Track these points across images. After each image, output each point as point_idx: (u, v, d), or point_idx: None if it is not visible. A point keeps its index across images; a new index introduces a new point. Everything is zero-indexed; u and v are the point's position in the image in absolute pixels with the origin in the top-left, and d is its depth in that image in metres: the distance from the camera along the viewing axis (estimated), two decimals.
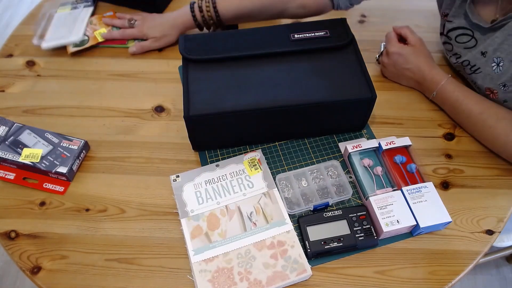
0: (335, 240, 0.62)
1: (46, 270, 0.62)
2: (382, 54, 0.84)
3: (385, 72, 0.85)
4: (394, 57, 0.80)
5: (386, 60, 0.82)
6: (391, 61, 0.81)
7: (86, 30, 0.93)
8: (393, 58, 0.80)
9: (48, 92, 0.84)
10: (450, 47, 0.80)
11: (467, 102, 0.72)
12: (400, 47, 0.79)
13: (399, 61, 0.79)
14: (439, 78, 0.76)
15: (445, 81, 0.75)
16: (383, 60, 0.83)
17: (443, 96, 0.76)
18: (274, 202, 0.66)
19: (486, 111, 0.71)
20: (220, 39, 0.73)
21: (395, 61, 0.80)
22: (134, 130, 0.78)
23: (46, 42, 0.90)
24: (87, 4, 0.98)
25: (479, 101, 0.72)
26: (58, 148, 0.72)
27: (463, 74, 0.81)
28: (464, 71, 0.78)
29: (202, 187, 0.68)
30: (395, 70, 0.81)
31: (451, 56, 0.81)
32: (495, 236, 0.65)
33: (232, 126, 0.69)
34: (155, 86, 0.85)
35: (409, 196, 0.64)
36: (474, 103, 0.72)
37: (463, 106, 0.73)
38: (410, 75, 0.80)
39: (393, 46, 0.80)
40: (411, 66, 0.78)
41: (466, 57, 0.75)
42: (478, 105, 0.71)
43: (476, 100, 0.72)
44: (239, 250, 0.62)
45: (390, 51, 0.80)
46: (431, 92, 0.77)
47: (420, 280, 0.61)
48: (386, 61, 0.82)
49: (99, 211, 0.68)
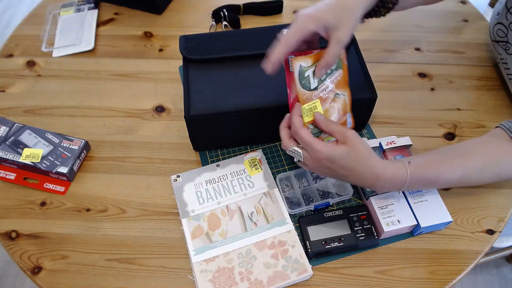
0: (336, 240, 0.62)
1: (46, 270, 0.62)
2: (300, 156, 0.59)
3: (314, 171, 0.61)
4: (323, 163, 0.57)
5: (310, 163, 0.58)
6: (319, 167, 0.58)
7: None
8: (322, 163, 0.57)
9: (48, 92, 0.84)
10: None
11: (442, 176, 0.60)
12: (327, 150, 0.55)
13: (333, 167, 0.57)
14: (400, 175, 0.58)
15: (408, 175, 0.58)
16: (305, 164, 0.59)
17: (414, 184, 0.60)
18: (275, 202, 0.66)
19: (464, 173, 0.60)
20: (220, 39, 0.73)
21: (328, 166, 0.57)
22: (135, 130, 0.78)
23: (57, 51, 0.91)
24: (91, 6, 0.98)
25: (452, 167, 0.60)
26: (59, 148, 0.72)
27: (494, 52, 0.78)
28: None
29: (203, 187, 0.68)
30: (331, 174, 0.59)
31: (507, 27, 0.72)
32: (496, 236, 0.65)
33: (233, 126, 0.69)
34: (155, 86, 0.85)
35: (410, 196, 0.64)
36: (449, 172, 0.60)
37: (440, 180, 0.60)
38: (354, 180, 0.59)
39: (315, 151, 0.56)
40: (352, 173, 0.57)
41: None
42: (453, 172, 0.60)
43: (448, 167, 0.60)
44: (239, 250, 0.62)
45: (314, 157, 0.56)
46: (396, 189, 0.60)
47: (421, 279, 0.61)
48: (311, 165, 0.58)
49: (100, 211, 0.68)
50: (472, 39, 0.92)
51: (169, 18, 0.98)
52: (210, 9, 0.97)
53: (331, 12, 0.56)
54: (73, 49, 0.91)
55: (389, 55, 0.89)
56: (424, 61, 0.88)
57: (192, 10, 1.00)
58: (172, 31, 0.95)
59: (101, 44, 0.92)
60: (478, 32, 0.93)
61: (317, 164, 0.57)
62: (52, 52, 0.91)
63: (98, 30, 0.95)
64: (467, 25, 0.95)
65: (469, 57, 0.89)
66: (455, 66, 0.87)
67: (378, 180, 0.57)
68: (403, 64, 0.88)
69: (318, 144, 0.55)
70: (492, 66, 0.87)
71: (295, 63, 0.57)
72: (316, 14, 0.55)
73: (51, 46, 0.92)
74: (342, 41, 0.56)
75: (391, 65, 0.87)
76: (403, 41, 0.91)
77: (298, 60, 0.58)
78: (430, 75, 0.86)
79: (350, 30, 0.56)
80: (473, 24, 0.95)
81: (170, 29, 0.95)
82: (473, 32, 0.94)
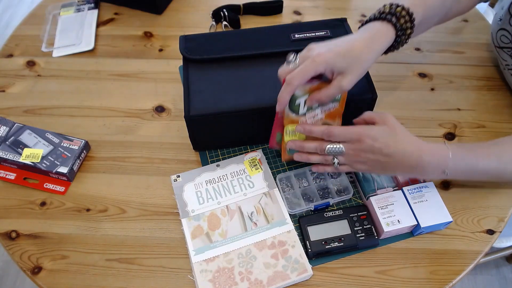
0: (336, 240, 0.62)
1: (46, 270, 0.62)
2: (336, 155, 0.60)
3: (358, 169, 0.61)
4: (366, 144, 0.57)
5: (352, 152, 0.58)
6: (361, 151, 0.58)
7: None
8: (364, 146, 0.57)
9: (48, 92, 0.84)
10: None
11: (481, 161, 0.60)
12: (369, 128, 0.58)
13: (376, 147, 0.56)
14: (443, 150, 0.58)
15: (450, 150, 0.59)
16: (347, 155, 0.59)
17: (457, 167, 0.60)
18: (275, 202, 0.66)
19: (500, 161, 0.61)
20: (220, 39, 0.73)
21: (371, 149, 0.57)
22: (135, 130, 0.78)
23: (57, 51, 0.90)
24: (91, 6, 0.98)
25: (488, 152, 0.61)
26: (59, 148, 0.72)
27: (498, 58, 0.78)
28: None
29: (203, 187, 0.68)
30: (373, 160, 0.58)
31: (511, 33, 0.72)
32: (496, 236, 0.65)
33: (233, 126, 0.69)
34: (155, 86, 0.85)
35: (410, 196, 0.64)
36: (485, 158, 0.60)
37: (480, 166, 0.60)
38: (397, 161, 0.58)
39: (356, 133, 0.57)
40: (396, 151, 0.57)
41: None
42: (489, 158, 0.61)
43: (485, 152, 0.61)
44: (239, 250, 0.62)
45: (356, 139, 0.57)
46: (441, 170, 0.59)
47: (421, 280, 0.61)
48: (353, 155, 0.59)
49: (100, 211, 0.68)
50: (472, 39, 0.92)
51: (169, 18, 0.98)
52: (210, 9, 0.97)
53: (343, 58, 0.56)
54: (73, 49, 0.91)
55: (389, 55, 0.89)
56: (424, 61, 0.88)
57: (192, 10, 1.00)
58: (172, 31, 0.95)
59: (101, 44, 0.92)
60: (478, 32, 0.93)
61: (359, 150, 0.57)
62: (52, 52, 0.91)
63: (98, 30, 0.95)
64: (467, 25, 0.95)
65: (469, 57, 0.89)
66: (455, 66, 0.87)
67: (422, 154, 0.57)
68: (403, 64, 0.88)
69: (357, 126, 0.58)
70: (492, 66, 0.87)
71: None
72: (328, 57, 0.55)
73: (51, 46, 0.92)
74: (344, 88, 0.57)
75: (391, 65, 0.87)
76: None
77: None
78: (430, 75, 0.86)
79: (356, 80, 0.57)
80: (473, 24, 0.95)
81: (170, 29, 0.95)
82: (473, 32, 0.94)
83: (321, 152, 0.60)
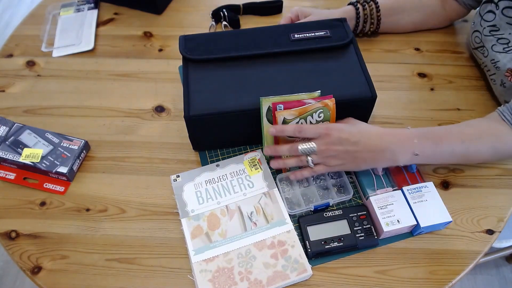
0: (336, 240, 0.62)
1: (46, 270, 0.62)
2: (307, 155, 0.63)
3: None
4: (334, 137, 0.60)
5: (324, 147, 0.61)
6: (331, 145, 0.61)
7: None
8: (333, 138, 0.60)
9: (48, 92, 0.84)
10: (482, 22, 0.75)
11: (444, 140, 0.62)
12: (332, 123, 0.63)
13: (343, 138, 0.60)
14: (405, 131, 0.62)
15: (415, 132, 0.62)
16: (320, 152, 0.62)
17: (422, 145, 0.62)
18: (275, 202, 0.66)
19: (464, 139, 0.62)
20: (220, 39, 0.73)
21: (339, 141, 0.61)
22: (134, 130, 0.78)
23: (57, 51, 0.90)
24: (91, 6, 0.98)
25: (451, 132, 0.63)
26: (59, 148, 0.72)
27: (476, 58, 0.81)
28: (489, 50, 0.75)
29: (203, 187, 0.68)
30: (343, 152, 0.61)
31: (481, 33, 0.74)
32: (495, 236, 0.65)
33: (233, 126, 0.69)
34: (155, 86, 0.85)
35: (410, 195, 0.64)
36: (448, 137, 0.63)
37: (444, 145, 0.62)
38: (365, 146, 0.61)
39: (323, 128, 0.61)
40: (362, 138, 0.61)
41: (505, 35, 0.71)
42: (452, 137, 0.63)
43: (448, 132, 0.63)
44: (239, 250, 0.62)
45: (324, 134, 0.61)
46: (410, 152, 0.61)
47: (421, 279, 0.61)
48: (324, 150, 0.61)
49: (100, 211, 0.68)
50: None
51: (169, 18, 0.98)
52: (210, 9, 0.97)
53: None
54: (73, 49, 0.91)
55: (389, 55, 0.89)
56: (423, 61, 0.88)
57: (192, 10, 1.00)
58: (172, 31, 0.95)
59: (101, 44, 0.92)
60: None
61: (329, 144, 0.61)
62: (52, 52, 0.91)
63: (98, 30, 0.95)
64: (467, 25, 0.95)
65: (468, 57, 0.89)
66: (455, 66, 0.87)
67: (384, 135, 0.62)
68: (403, 64, 0.88)
69: (322, 123, 0.63)
70: None
71: (279, 116, 0.63)
72: None
73: (51, 46, 0.92)
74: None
75: (391, 65, 0.87)
76: (403, 41, 0.91)
77: (282, 113, 0.63)
78: (429, 75, 0.86)
79: None
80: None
81: (170, 29, 0.96)
82: None
83: (295, 153, 0.62)
